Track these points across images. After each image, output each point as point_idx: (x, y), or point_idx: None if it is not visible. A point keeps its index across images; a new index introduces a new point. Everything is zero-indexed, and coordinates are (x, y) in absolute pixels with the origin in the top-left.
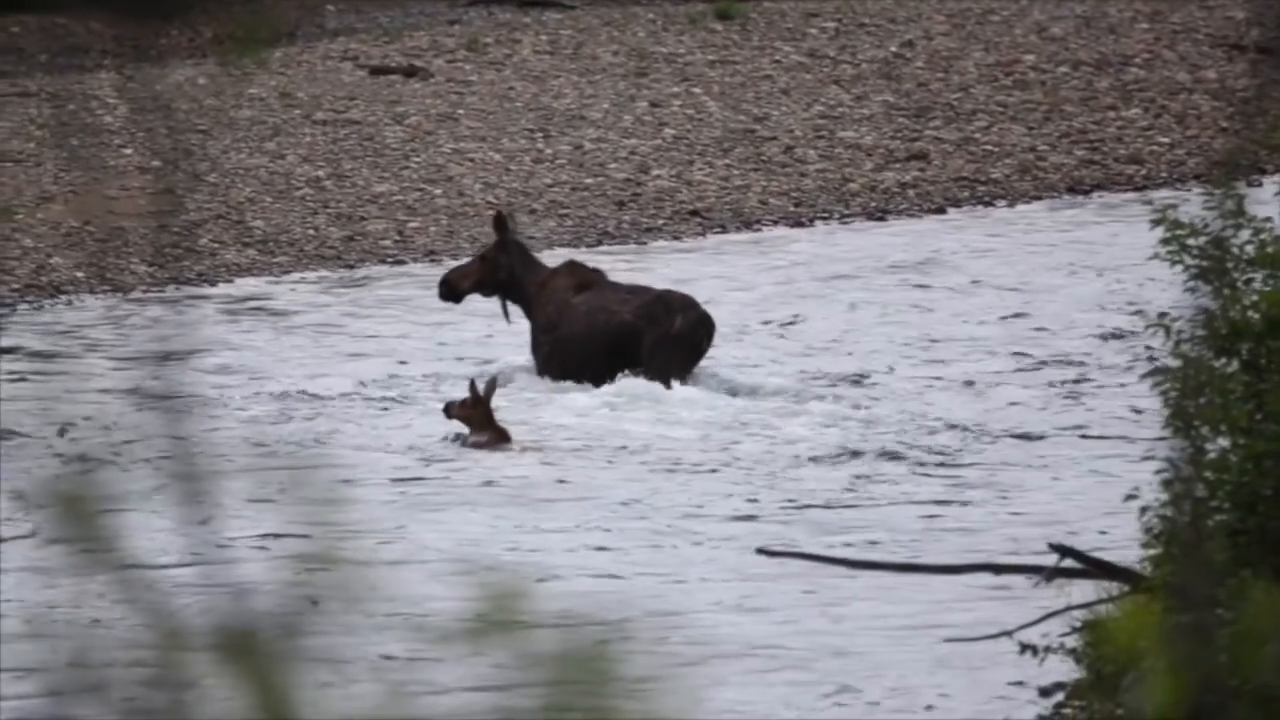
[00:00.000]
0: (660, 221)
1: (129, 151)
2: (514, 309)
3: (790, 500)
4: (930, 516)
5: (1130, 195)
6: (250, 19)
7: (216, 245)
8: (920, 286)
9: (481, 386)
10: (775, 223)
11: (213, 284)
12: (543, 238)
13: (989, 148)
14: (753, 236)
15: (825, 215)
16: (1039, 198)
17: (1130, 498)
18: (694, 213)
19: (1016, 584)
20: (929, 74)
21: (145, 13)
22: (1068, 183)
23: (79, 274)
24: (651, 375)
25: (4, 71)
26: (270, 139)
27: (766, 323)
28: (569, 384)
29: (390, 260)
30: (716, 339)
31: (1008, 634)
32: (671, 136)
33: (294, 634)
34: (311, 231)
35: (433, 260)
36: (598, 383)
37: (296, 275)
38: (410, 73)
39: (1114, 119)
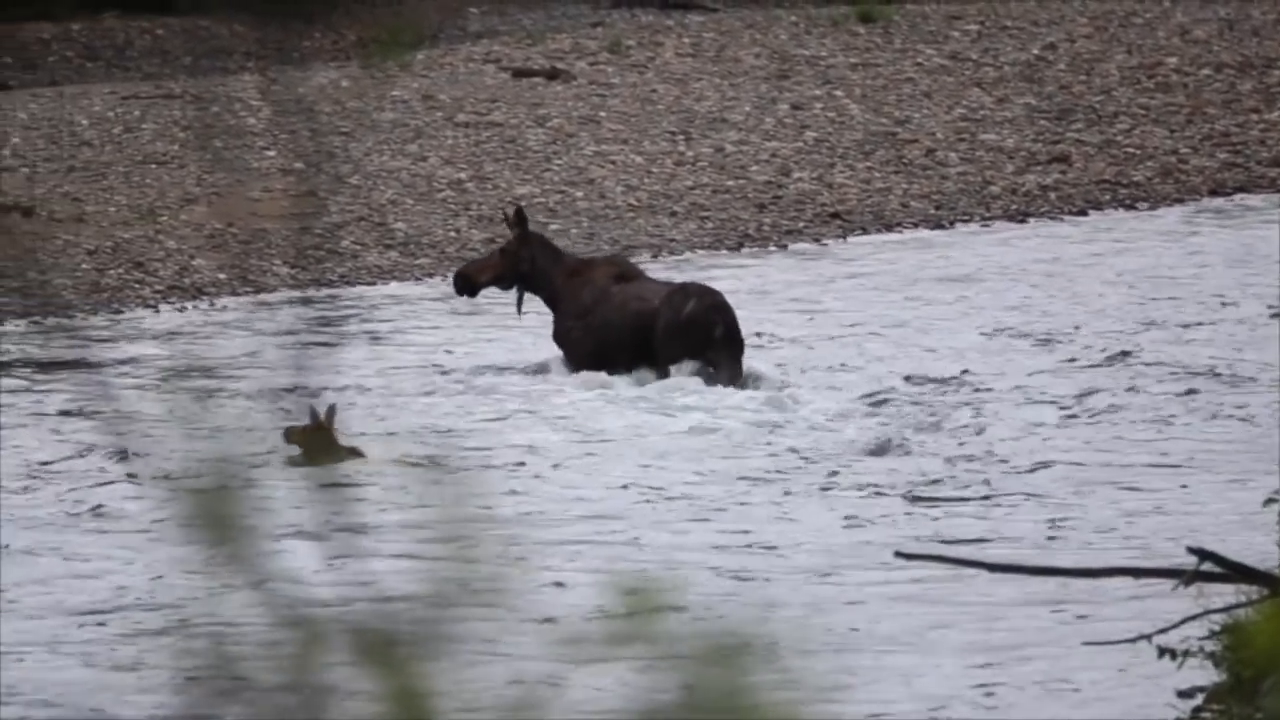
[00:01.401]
0: (801, 224)
1: (272, 154)
2: (530, 302)
3: (913, 503)
4: (1053, 521)
5: (1274, 197)
6: (393, 21)
7: (358, 247)
8: (1048, 288)
9: (322, 411)
10: (916, 225)
11: (353, 285)
12: (683, 240)
13: (1131, 150)
14: (893, 238)
15: (966, 218)
16: (1180, 201)
17: (1271, 501)
18: (835, 215)
19: (1153, 587)
20: (1071, 77)
21: (289, 15)
22: (1210, 185)
23: (221, 276)
24: (658, 362)
25: (148, 74)
26: (412, 141)
27: (891, 326)
28: (632, 385)
29: None
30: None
31: (1146, 638)
32: (813, 139)
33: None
34: (453, 234)
35: None
36: (627, 370)
37: (439, 277)
38: (552, 75)
39: (1257, 121)
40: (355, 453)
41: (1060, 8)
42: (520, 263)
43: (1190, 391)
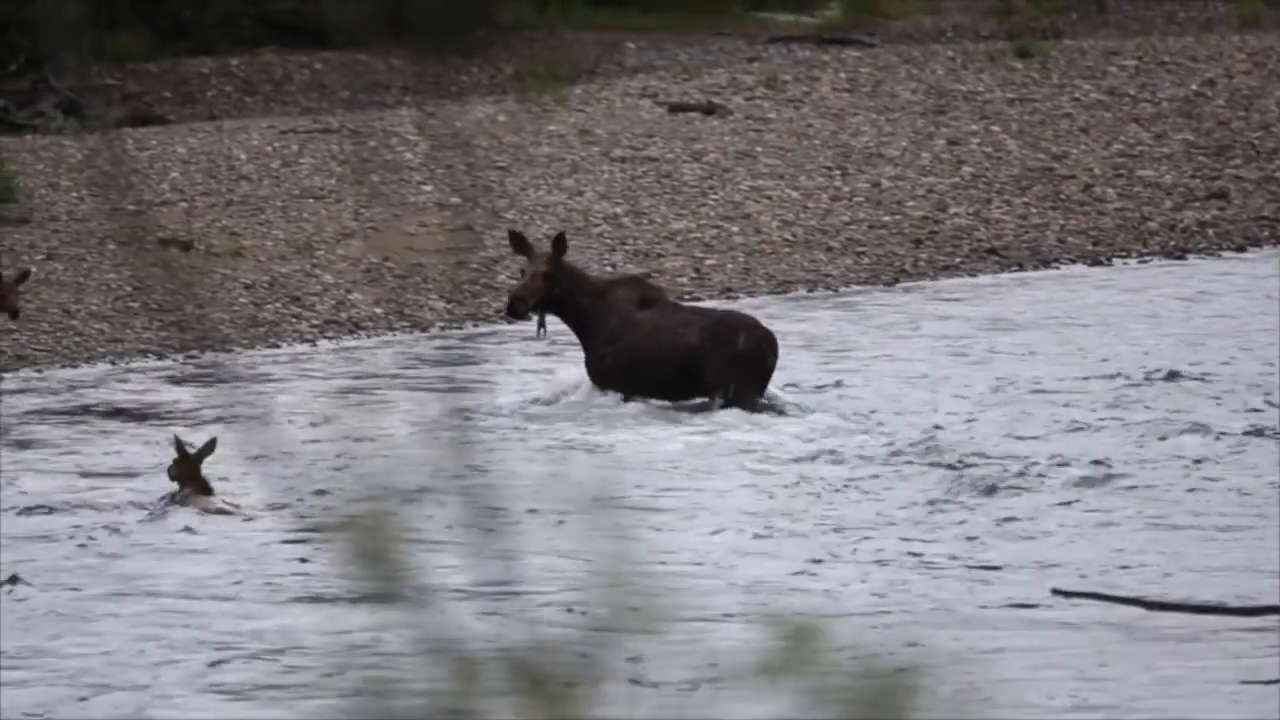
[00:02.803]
0: (957, 259)
1: (428, 188)
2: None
3: (1035, 537)
4: (1176, 553)
5: None
6: (550, 56)
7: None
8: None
9: (196, 445)
10: (1073, 261)
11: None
12: (838, 275)
13: None
14: (1050, 274)
15: (1124, 254)
16: None
17: None
18: (991, 251)
19: None
20: (1229, 112)
21: (446, 50)
22: None
23: (378, 310)
24: (723, 397)
25: (306, 108)
26: (569, 175)
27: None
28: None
29: (687, 297)
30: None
31: None
32: (969, 174)
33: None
34: (609, 268)
35: (729, 297)
36: (651, 396)
37: None
38: (709, 110)
39: None
40: (205, 490)
41: (1218, 44)
42: (556, 286)
43: None
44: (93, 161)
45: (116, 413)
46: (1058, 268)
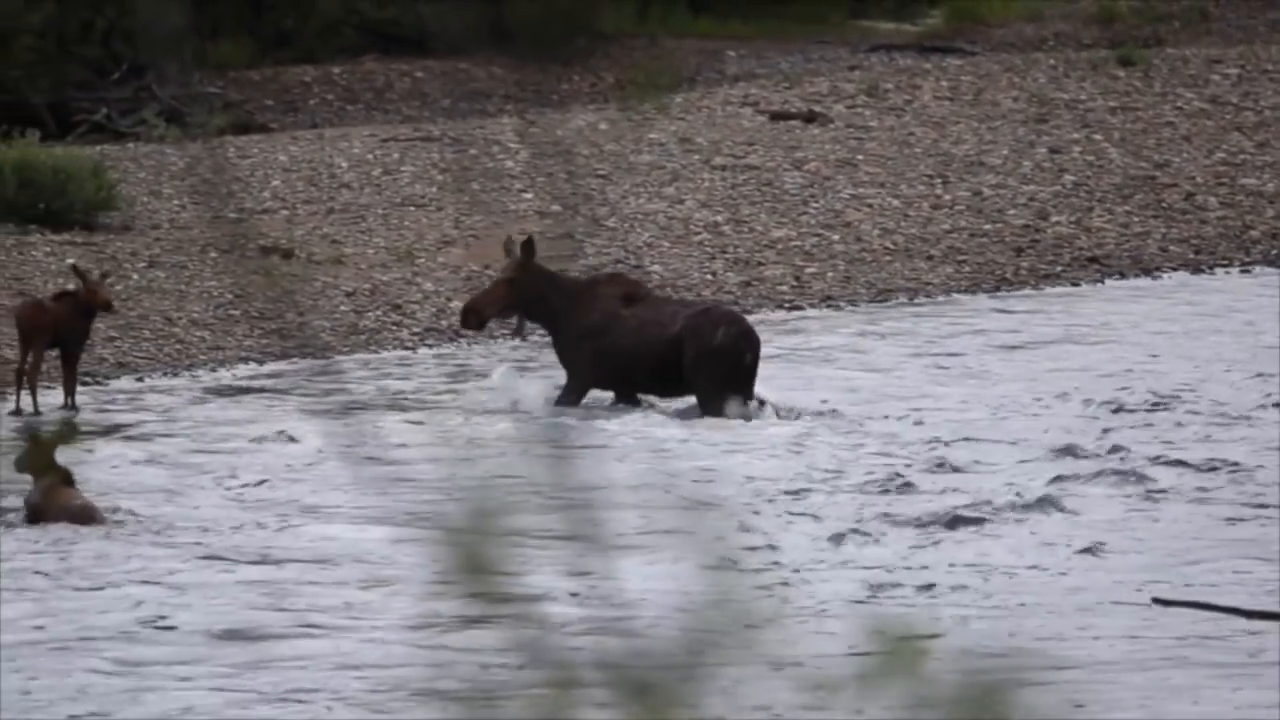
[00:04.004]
0: (1059, 268)
1: (529, 196)
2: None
3: (1133, 543)
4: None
5: None
6: (651, 64)
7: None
8: None
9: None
10: (1175, 269)
11: None
12: (939, 284)
13: None
14: (1150, 283)
15: (1225, 262)
16: None
17: None
18: (1092, 259)
19: None
20: None
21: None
22: None
23: None
24: (700, 395)
25: (408, 116)
26: (669, 184)
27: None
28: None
29: (787, 305)
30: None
31: None
32: (1071, 182)
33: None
34: (709, 276)
35: (830, 305)
36: (642, 393)
37: None
38: (810, 118)
39: None
40: (69, 482)
41: None
42: (527, 291)
43: None
44: (194, 169)
45: (217, 418)
46: (1158, 276)
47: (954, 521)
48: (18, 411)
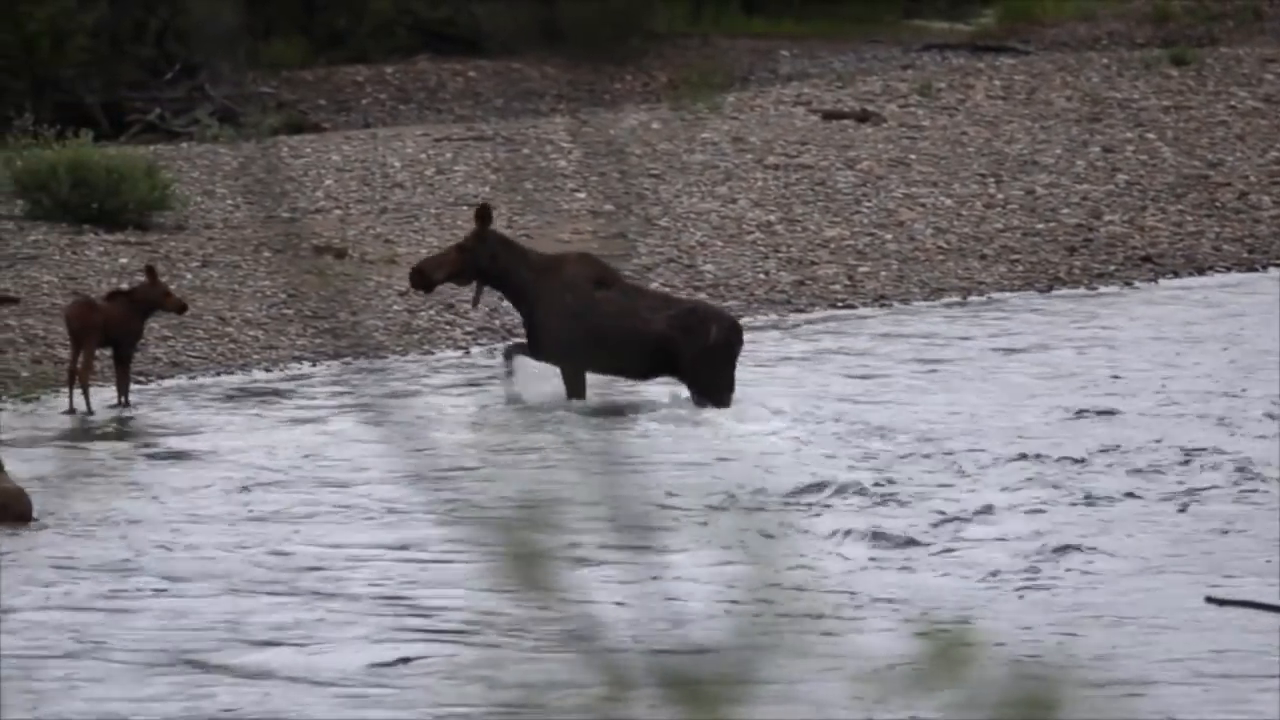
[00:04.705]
0: (1112, 267)
1: (582, 195)
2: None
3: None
4: None
5: None
6: (704, 64)
7: (666, 290)
8: None
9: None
10: (1228, 269)
11: None
12: (992, 283)
13: None
14: (1203, 281)
15: (1279, 262)
16: None
17: None
18: (1146, 259)
19: None
20: None
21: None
22: None
23: None
24: (700, 391)
25: (460, 116)
26: (722, 183)
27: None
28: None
29: (840, 305)
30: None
31: None
32: (1124, 182)
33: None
34: (762, 276)
35: (882, 305)
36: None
37: (745, 319)
38: (863, 117)
39: None
40: None
41: None
42: (478, 259)
43: None
44: (248, 169)
45: (271, 417)
46: (1212, 275)
47: (1001, 520)
48: (71, 410)
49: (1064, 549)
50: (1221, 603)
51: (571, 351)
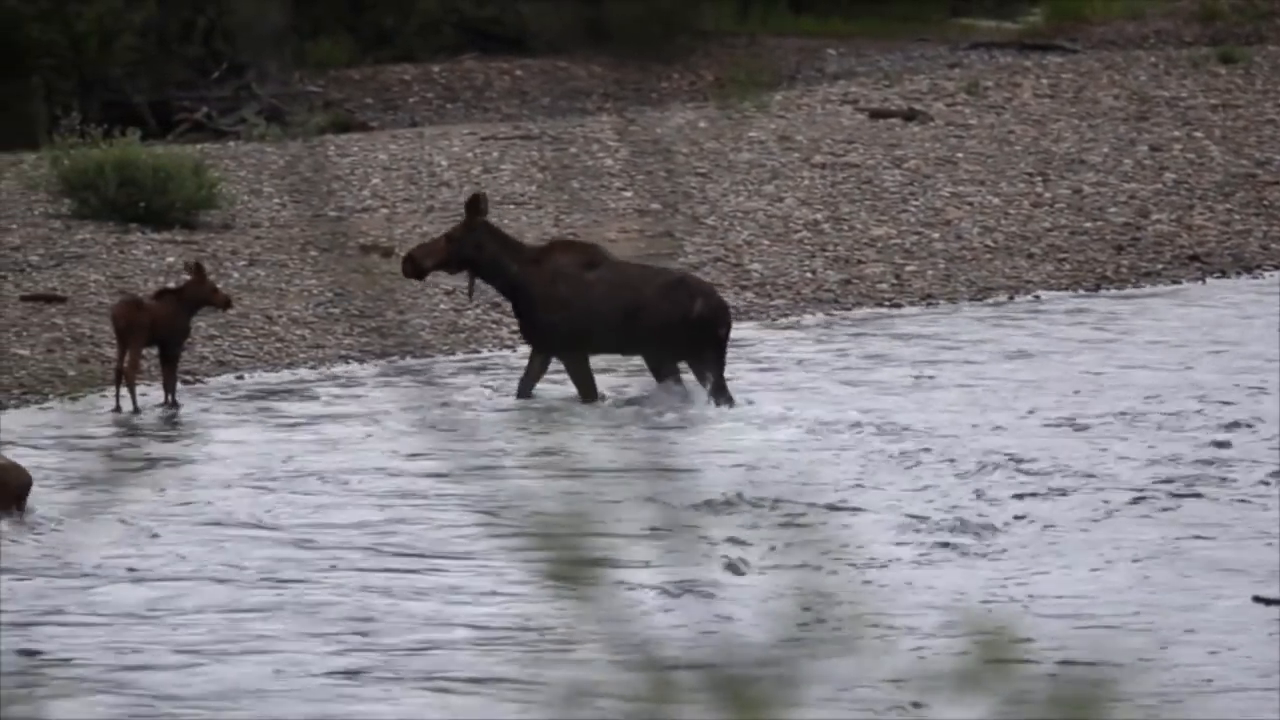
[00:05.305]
0: (1159, 266)
1: (629, 194)
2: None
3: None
4: None
5: None
6: (751, 63)
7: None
8: None
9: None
10: (1277, 267)
11: None
12: (1039, 282)
13: None
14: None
15: None
16: None
17: None
18: (1193, 258)
19: None
20: None
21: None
22: None
23: None
24: (661, 362)
25: (507, 114)
26: (769, 182)
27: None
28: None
29: (887, 303)
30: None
31: None
32: (1172, 180)
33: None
34: (809, 275)
35: (929, 304)
36: (599, 353)
37: (792, 318)
38: (910, 116)
39: None
40: None
41: None
42: (465, 248)
43: None
44: (294, 168)
45: (317, 417)
46: (1260, 275)
47: (1048, 518)
48: (118, 409)
49: (1108, 549)
50: (1269, 602)
51: (568, 341)
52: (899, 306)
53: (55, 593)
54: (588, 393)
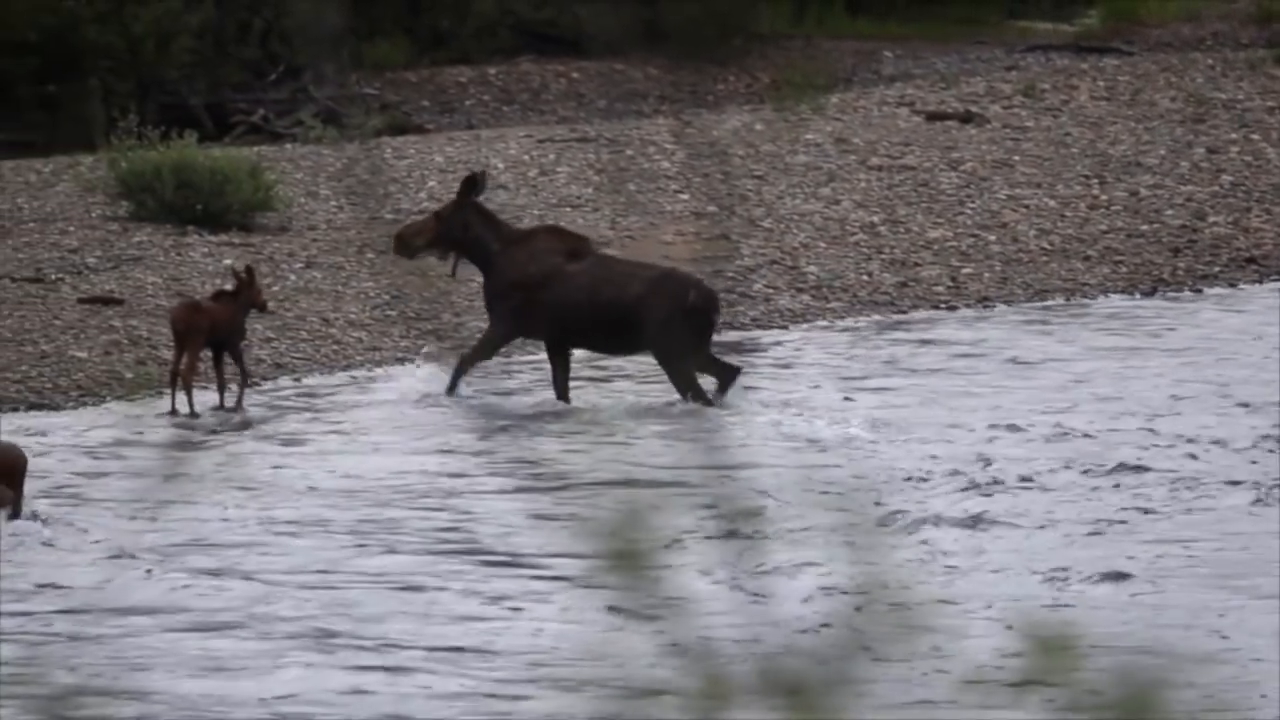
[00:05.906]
0: (1216, 269)
1: (684, 197)
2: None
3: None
4: None
5: None
6: (807, 65)
7: (770, 291)
8: None
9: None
10: None
11: (766, 329)
12: (1096, 284)
13: None
14: None
15: None
16: None
17: None
18: (1250, 260)
19: None
20: None
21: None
22: None
23: None
24: (666, 353)
25: (563, 117)
26: (825, 184)
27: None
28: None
29: (943, 306)
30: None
31: None
32: (1229, 183)
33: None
34: (865, 277)
35: (985, 306)
36: (582, 348)
37: (849, 320)
38: (966, 118)
39: None
40: None
41: None
42: (453, 228)
43: None
44: (351, 170)
45: (372, 419)
46: None
47: (1095, 519)
48: (173, 412)
49: (1155, 552)
50: None
51: (528, 326)
52: (955, 309)
53: (116, 590)
54: (563, 392)
